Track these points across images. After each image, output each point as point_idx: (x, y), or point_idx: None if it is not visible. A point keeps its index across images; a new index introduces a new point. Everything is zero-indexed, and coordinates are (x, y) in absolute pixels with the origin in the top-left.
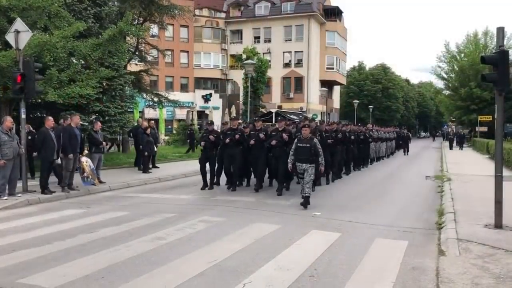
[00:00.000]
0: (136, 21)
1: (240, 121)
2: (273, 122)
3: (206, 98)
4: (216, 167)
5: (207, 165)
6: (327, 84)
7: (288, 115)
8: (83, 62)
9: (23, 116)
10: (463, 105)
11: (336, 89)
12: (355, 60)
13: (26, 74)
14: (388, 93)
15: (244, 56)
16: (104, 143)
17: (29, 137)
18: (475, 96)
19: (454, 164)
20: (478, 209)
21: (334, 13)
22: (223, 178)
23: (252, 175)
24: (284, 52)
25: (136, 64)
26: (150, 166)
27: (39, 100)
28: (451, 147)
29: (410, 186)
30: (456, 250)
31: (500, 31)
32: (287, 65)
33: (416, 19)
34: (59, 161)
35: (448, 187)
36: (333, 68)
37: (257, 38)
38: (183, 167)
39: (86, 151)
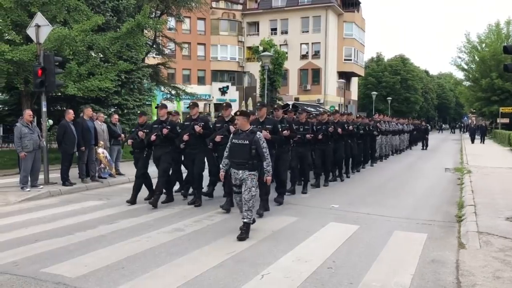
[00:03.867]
0: (154, 14)
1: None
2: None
3: (223, 91)
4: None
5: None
6: (345, 76)
7: (305, 107)
8: (101, 56)
9: (44, 109)
10: (483, 96)
11: (354, 81)
12: (373, 51)
13: (47, 68)
14: (407, 85)
15: (261, 48)
16: (122, 135)
17: None
18: (496, 87)
19: (474, 156)
20: (499, 201)
21: (352, 4)
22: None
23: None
24: (301, 44)
25: (154, 57)
26: None
27: (59, 94)
28: (472, 141)
29: (429, 178)
30: (476, 243)
31: None
32: (304, 56)
33: (436, 8)
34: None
35: (468, 179)
36: (351, 60)
37: (274, 30)
38: None
39: (101, 142)
